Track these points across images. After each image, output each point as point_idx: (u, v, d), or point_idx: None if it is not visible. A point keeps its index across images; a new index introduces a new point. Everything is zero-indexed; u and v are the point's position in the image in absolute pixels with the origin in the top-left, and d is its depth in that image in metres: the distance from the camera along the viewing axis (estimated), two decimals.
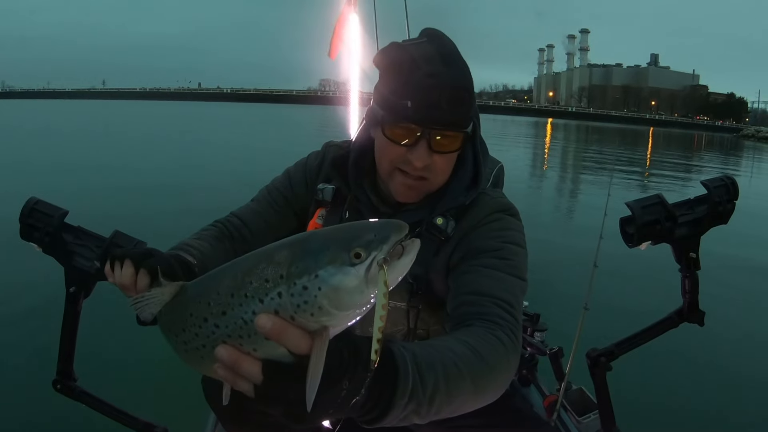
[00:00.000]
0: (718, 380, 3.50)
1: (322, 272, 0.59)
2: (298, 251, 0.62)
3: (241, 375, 0.61)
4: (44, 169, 11.07)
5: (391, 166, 1.17)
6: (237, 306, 0.62)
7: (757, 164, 28.48)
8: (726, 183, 1.49)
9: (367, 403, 0.65)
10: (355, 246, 0.60)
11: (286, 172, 1.44)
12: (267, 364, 0.60)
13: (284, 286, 0.60)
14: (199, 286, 0.71)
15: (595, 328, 1.87)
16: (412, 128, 1.11)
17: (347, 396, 0.62)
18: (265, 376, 0.60)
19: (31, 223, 1.37)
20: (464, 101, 1.12)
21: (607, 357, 1.64)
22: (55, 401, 1.52)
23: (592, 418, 1.87)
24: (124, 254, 0.97)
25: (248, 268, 0.63)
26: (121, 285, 0.97)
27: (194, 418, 1.90)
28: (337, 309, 0.60)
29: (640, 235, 1.49)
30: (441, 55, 1.10)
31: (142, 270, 0.95)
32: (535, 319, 2.16)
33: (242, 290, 0.62)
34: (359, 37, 3.03)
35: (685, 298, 1.56)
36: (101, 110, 51.82)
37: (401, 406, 0.68)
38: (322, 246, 0.61)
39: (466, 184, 1.24)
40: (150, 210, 7.17)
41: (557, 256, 5.87)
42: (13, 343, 3.62)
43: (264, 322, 0.59)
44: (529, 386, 2.13)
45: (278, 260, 0.62)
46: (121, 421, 1.53)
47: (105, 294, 1.49)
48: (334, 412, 0.62)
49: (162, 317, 0.78)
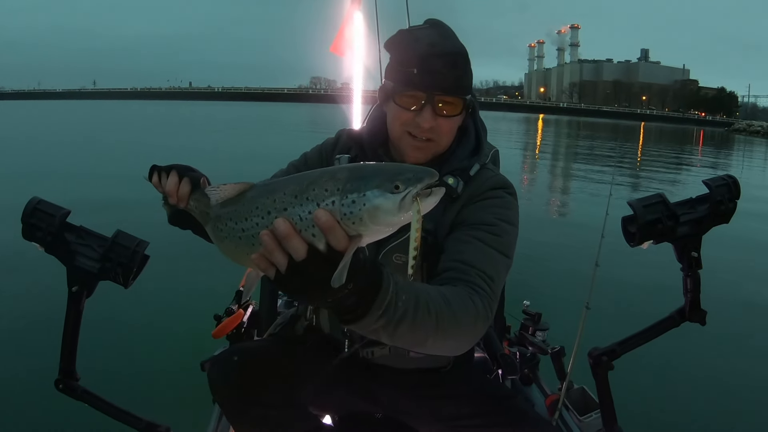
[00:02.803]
0: (720, 380, 3.51)
1: (368, 193, 0.76)
2: (355, 174, 0.79)
3: (284, 250, 0.77)
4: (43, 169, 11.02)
5: (402, 130, 1.34)
6: (298, 205, 0.79)
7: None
8: (728, 182, 1.49)
9: (351, 304, 0.83)
10: (396, 179, 0.77)
11: (302, 155, 1.59)
12: (311, 246, 0.77)
13: (338, 197, 0.77)
14: (266, 187, 0.87)
15: (596, 327, 1.87)
16: (418, 95, 1.29)
17: (348, 293, 0.80)
18: (308, 254, 0.76)
19: (33, 222, 1.38)
20: (460, 65, 1.30)
21: (609, 356, 1.64)
22: (58, 401, 1.51)
23: (594, 417, 1.86)
24: (170, 166, 1.15)
25: (313, 178, 0.80)
26: (168, 191, 1.13)
27: (197, 418, 1.90)
28: (373, 223, 0.77)
29: (641, 234, 1.49)
30: (439, 34, 1.31)
31: (185, 179, 1.11)
32: (537, 318, 2.15)
33: (305, 194, 0.79)
34: (363, 36, 3.12)
35: (686, 298, 1.56)
36: (92, 111, 51.50)
37: (375, 315, 0.85)
38: (373, 174, 0.78)
39: (469, 151, 1.42)
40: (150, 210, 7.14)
41: (558, 255, 5.89)
42: (15, 343, 3.62)
43: (321, 215, 0.76)
44: (531, 385, 2.12)
45: (338, 177, 0.79)
46: (124, 421, 1.52)
47: (107, 294, 1.51)
48: (332, 300, 0.80)
49: (221, 209, 0.93)
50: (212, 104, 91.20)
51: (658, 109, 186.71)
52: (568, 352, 1.99)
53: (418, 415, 1.52)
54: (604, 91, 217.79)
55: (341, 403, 1.60)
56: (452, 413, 1.46)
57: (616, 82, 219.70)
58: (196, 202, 1.08)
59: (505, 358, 1.90)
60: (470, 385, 1.54)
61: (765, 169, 24.07)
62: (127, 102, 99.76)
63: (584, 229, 5.81)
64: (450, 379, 1.54)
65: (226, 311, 2.11)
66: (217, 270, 4.64)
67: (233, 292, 2.26)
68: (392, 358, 1.50)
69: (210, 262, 5.13)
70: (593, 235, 1.91)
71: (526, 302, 2.22)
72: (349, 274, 0.77)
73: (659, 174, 15.85)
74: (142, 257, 1.42)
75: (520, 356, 2.08)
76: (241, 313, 2.10)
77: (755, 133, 68.09)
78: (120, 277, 1.40)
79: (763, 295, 5.30)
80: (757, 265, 6.43)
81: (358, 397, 1.57)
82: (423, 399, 1.51)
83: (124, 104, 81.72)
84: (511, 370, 1.87)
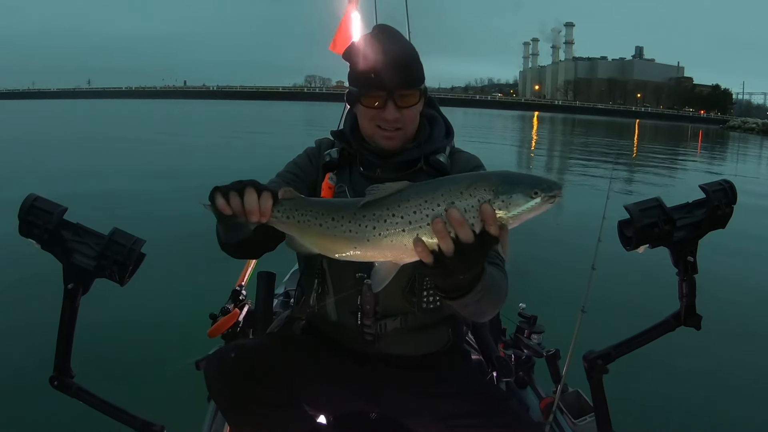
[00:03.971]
0: (715, 383, 3.52)
1: (515, 195, 0.97)
2: (506, 180, 0.99)
3: (451, 236, 0.96)
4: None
5: (372, 125, 1.52)
6: (464, 200, 0.97)
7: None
8: (724, 187, 1.48)
9: (469, 281, 1.07)
10: (535, 187, 0.98)
11: (292, 162, 1.68)
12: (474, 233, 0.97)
13: (493, 195, 0.97)
14: (427, 185, 1.04)
15: (592, 330, 1.86)
16: (380, 94, 1.46)
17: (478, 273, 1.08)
18: (476, 239, 0.96)
19: (30, 219, 1.37)
20: (410, 63, 1.49)
21: (604, 360, 1.64)
22: (52, 398, 1.51)
23: (588, 420, 1.86)
24: (240, 184, 1.09)
25: (472, 179, 1.00)
26: (250, 210, 1.07)
27: (192, 418, 1.90)
28: (516, 218, 0.98)
29: (638, 239, 1.48)
30: (388, 38, 1.49)
31: (265, 193, 1.09)
32: (533, 321, 2.14)
33: (468, 191, 0.98)
34: (361, 35, 3.15)
35: (682, 302, 1.55)
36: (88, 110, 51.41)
37: (476, 290, 1.10)
38: (519, 181, 0.99)
39: (443, 133, 1.65)
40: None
41: (554, 258, 5.90)
42: (10, 340, 3.62)
43: (486, 207, 0.96)
44: (526, 388, 2.12)
45: (492, 180, 0.99)
46: (119, 419, 1.51)
47: (103, 292, 1.51)
48: (462, 278, 1.05)
49: (379, 207, 1.04)
50: (208, 103, 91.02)
51: (653, 107, 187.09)
52: (563, 356, 1.98)
53: (415, 413, 1.54)
54: (598, 88, 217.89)
55: (339, 402, 1.61)
56: (449, 412, 1.48)
57: (610, 79, 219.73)
58: (290, 212, 1.10)
59: (500, 360, 1.91)
60: (467, 385, 1.57)
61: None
62: (123, 101, 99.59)
63: (580, 232, 5.81)
64: (447, 379, 1.57)
65: (221, 310, 2.11)
66: (212, 269, 4.66)
67: (229, 291, 2.26)
68: (400, 336, 1.55)
69: (206, 261, 5.16)
70: (590, 237, 1.90)
71: (522, 305, 2.21)
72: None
73: (656, 177, 15.82)
74: (138, 255, 1.42)
75: (515, 359, 2.08)
76: (237, 313, 2.10)
77: (750, 130, 68.25)
78: (116, 275, 1.40)
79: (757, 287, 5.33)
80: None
81: (355, 396, 1.59)
82: (421, 397, 1.53)
83: (120, 103, 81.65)
84: (506, 372, 1.88)
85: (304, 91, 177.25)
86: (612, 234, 1.62)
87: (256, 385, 1.41)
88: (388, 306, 1.52)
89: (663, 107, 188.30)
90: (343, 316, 1.55)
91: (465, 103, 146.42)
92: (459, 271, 1.01)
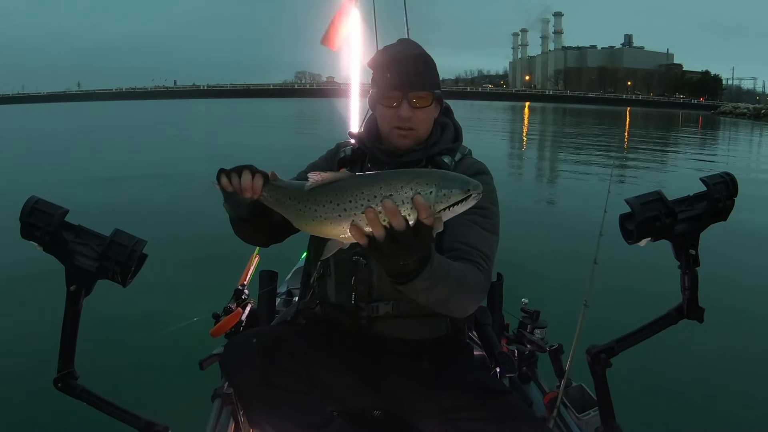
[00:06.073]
0: (719, 376, 3.53)
1: (454, 189, 1.06)
2: (445, 176, 1.08)
3: (384, 224, 1.03)
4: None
5: (389, 125, 1.64)
6: (403, 193, 1.05)
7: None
8: (725, 179, 1.49)
9: (413, 268, 1.12)
10: (468, 185, 1.07)
11: (310, 164, 1.83)
12: (407, 221, 1.04)
13: (435, 189, 1.05)
14: (368, 177, 1.12)
15: (594, 325, 1.86)
16: (396, 94, 1.60)
17: (415, 259, 1.11)
18: (406, 227, 1.03)
19: (31, 221, 1.38)
20: (422, 65, 1.62)
21: (607, 354, 1.65)
22: (57, 400, 1.51)
23: (592, 414, 1.86)
24: (240, 167, 1.29)
25: (415, 174, 1.08)
26: (244, 187, 1.27)
27: (195, 418, 1.90)
28: (452, 210, 1.07)
29: (639, 232, 1.48)
30: (406, 45, 1.66)
31: (258, 174, 1.27)
32: (535, 316, 2.14)
33: (409, 185, 1.05)
34: (360, 32, 3.29)
35: (684, 295, 1.56)
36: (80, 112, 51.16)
37: (423, 278, 1.14)
38: (455, 178, 1.08)
39: (452, 138, 1.74)
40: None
41: (556, 252, 5.91)
42: (14, 342, 3.61)
43: (421, 199, 1.02)
44: (529, 383, 2.12)
45: (433, 175, 1.07)
46: (123, 420, 1.52)
47: (106, 293, 1.52)
48: (403, 263, 1.10)
49: (315, 194, 1.15)
50: (199, 102, 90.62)
51: (643, 94, 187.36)
52: (566, 350, 1.98)
53: (416, 406, 1.55)
54: (589, 77, 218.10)
55: (346, 394, 1.62)
56: (450, 405, 1.49)
57: (600, 68, 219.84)
58: (272, 191, 1.26)
59: (503, 355, 1.90)
60: (469, 379, 1.58)
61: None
62: (114, 103, 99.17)
63: (582, 226, 5.81)
64: (449, 372, 1.59)
65: (224, 310, 2.11)
66: (215, 268, 4.67)
67: (232, 290, 2.26)
68: (394, 321, 1.62)
69: (208, 261, 5.14)
70: (592, 231, 1.89)
71: (525, 300, 2.21)
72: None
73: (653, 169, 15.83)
74: (140, 256, 1.43)
75: (518, 354, 2.07)
76: (240, 312, 2.10)
77: (741, 115, 68.50)
78: (118, 276, 1.41)
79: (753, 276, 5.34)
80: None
81: (361, 387, 1.61)
82: (424, 389, 1.55)
83: (111, 105, 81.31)
84: (509, 368, 1.87)
85: (295, 87, 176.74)
86: (613, 227, 1.62)
87: (278, 369, 1.47)
88: (382, 289, 1.60)
89: (654, 94, 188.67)
90: (340, 297, 1.65)
91: (456, 95, 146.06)
92: (396, 256, 1.08)
